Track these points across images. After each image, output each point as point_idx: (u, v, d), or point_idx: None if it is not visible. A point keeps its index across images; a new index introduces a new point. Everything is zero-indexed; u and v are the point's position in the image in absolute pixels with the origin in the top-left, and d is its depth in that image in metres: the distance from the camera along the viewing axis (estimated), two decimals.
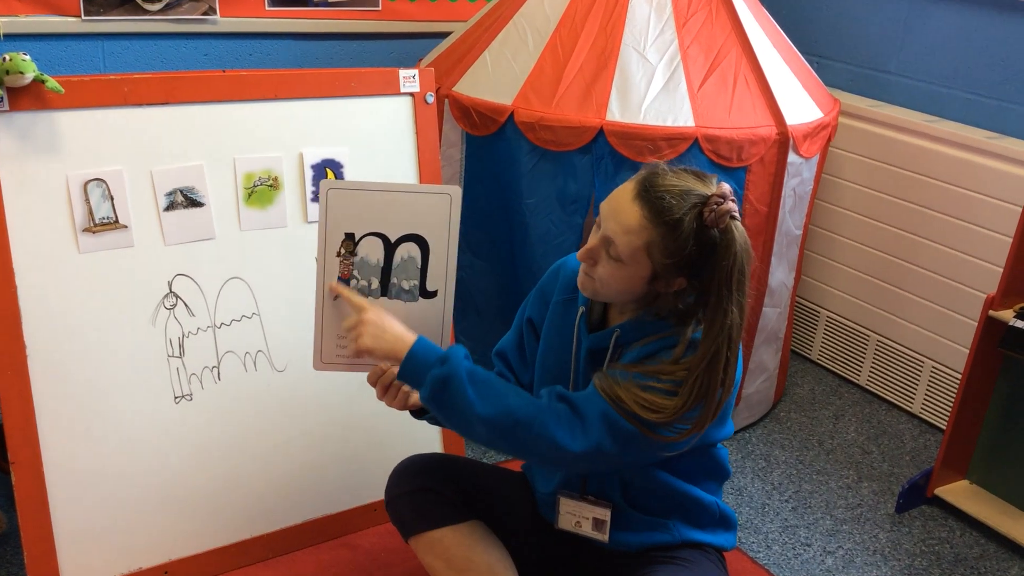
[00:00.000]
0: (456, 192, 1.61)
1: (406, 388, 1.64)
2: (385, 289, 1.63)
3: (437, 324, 1.66)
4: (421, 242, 1.62)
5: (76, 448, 1.87)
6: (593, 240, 1.55)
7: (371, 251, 1.61)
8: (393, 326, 1.57)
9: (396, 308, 1.63)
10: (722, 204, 1.45)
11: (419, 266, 1.63)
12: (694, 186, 1.48)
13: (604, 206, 1.54)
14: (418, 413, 1.72)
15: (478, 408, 1.51)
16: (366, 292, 1.63)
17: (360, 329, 1.56)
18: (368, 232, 1.60)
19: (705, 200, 1.46)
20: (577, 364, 1.69)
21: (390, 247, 1.61)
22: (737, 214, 1.48)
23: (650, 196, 1.48)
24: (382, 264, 1.62)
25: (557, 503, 1.75)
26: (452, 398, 1.52)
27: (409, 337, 1.56)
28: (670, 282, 1.52)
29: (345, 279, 1.62)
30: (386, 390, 1.65)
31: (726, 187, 1.48)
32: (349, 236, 1.60)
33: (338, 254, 1.61)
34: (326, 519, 2.16)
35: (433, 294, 1.64)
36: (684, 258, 1.48)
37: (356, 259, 1.61)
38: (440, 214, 1.61)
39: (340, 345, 1.65)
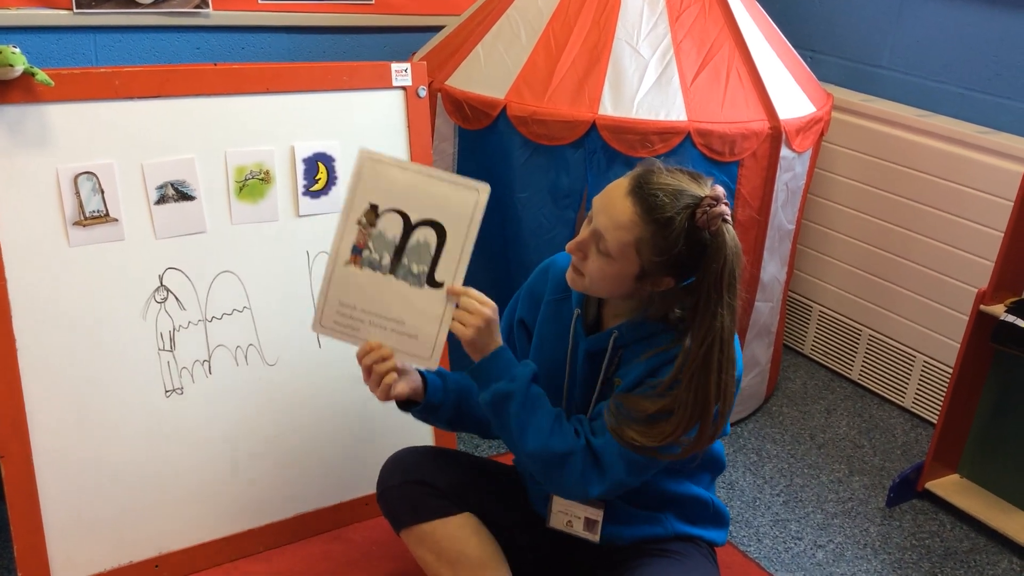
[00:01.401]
0: (485, 189, 1.60)
1: (386, 377, 1.62)
2: (395, 267, 1.63)
3: (436, 316, 1.63)
4: (440, 230, 1.62)
5: (66, 441, 1.87)
6: (584, 233, 1.55)
7: (390, 227, 1.61)
8: (497, 332, 1.60)
9: (400, 289, 1.62)
10: (715, 207, 1.45)
11: (432, 253, 1.62)
12: (688, 186, 1.48)
13: (597, 200, 1.54)
14: (403, 406, 1.72)
15: (523, 436, 1.58)
16: (376, 266, 1.63)
17: (475, 323, 1.56)
18: (391, 207, 1.61)
19: (698, 201, 1.46)
20: (574, 366, 1.69)
21: (409, 227, 1.61)
22: (729, 217, 1.48)
23: (643, 193, 1.47)
24: (397, 242, 1.62)
25: (550, 501, 1.75)
26: (505, 415, 1.59)
27: (497, 341, 1.60)
28: (657, 281, 1.53)
29: (359, 247, 1.62)
30: (370, 372, 1.63)
31: (720, 190, 1.48)
32: (373, 207, 1.61)
33: (359, 222, 1.62)
34: (318, 512, 2.16)
35: (439, 285, 1.62)
36: (673, 257, 1.48)
37: (374, 231, 1.62)
38: (464, 208, 1.61)
39: (340, 312, 1.65)
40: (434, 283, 1.62)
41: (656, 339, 1.60)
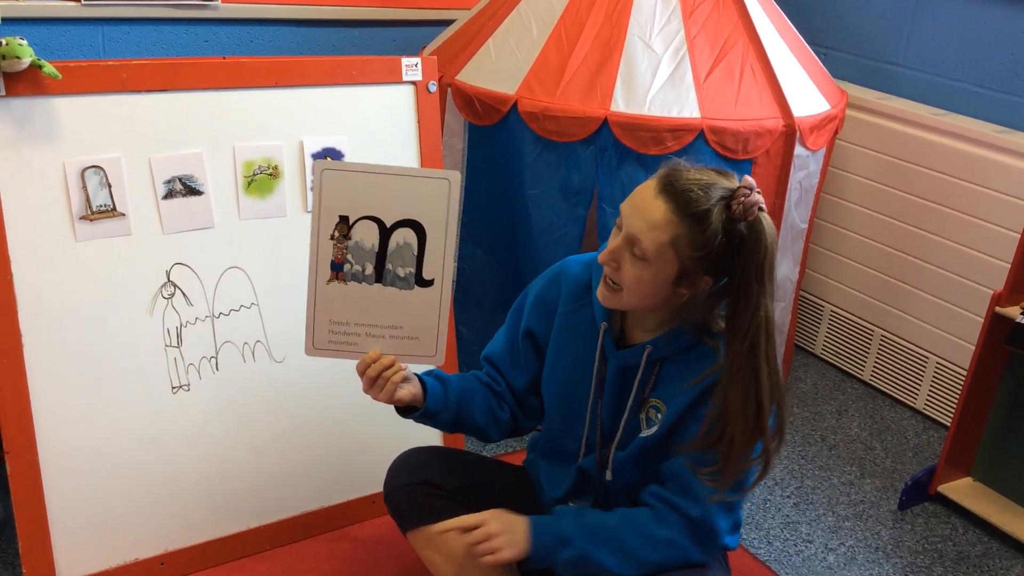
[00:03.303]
0: (455, 177, 1.57)
1: (395, 379, 1.60)
2: (380, 275, 1.60)
3: (433, 315, 1.63)
4: (418, 228, 1.58)
5: (72, 438, 1.85)
6: (615, 242, 1.52)
7: (366, 235, 1.58)
8: (514, 521, 1.58)
9: (391, 295, 1.60)
10: (749, 196, 1.44)
11: (415, 253, 1.59)
12: (718, 180, 1.48)
13: (626, 206, 1.51)
14: (404, 412, 1.70)
15: (619, 570, 1.55)
16: (360, 278, 1.60)
17: (496, 543, 1.54)
18: (363, 216, 1.57)
19: (731, 193, 1.46)
20: (602, 383, 1.65)
21: (385, 232, 1.58)
22: (764, 206, 1.47)
23: (674, 190, 1.46)
24: (377, 249, 1.59)
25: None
26: (591, 569, 1.55)
27: (523, 523, 1.57)
28: (696, 282, 1.50)
29: (338, 263, 1.59)
30: (372, 383, 1.61)
31: (751, 179, 1.48)
32: (343, 219, 1.57)
33: (331, 237, 1.58)
34: (325, 511, 2.15)
35: (429, 283, 1.60)
36: (712, 252, 1.46)
37: (350, 243, 1.58)
38: (438, 200, 1.57)
39: (332, 331, 1.62)
40: (424, 282, 1.60)
41: (696, 356, 1.57)
